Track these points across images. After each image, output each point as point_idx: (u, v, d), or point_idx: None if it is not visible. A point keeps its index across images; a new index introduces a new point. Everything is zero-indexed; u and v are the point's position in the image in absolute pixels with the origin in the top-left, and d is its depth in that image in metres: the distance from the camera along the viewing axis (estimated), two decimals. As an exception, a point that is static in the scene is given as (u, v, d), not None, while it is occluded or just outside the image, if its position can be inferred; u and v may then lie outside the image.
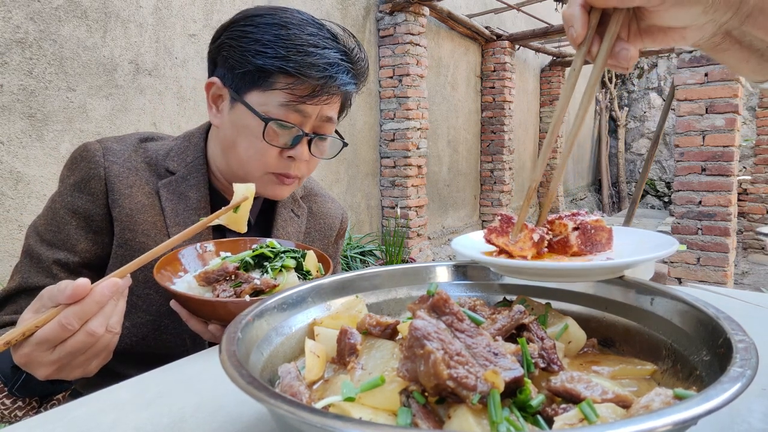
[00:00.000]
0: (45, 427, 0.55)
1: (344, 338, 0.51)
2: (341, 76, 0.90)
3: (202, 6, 3.32)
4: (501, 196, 6.81)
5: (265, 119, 0.89)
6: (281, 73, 0.87)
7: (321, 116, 0.93)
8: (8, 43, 2.38)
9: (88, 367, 0.67)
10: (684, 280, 4.23)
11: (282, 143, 0.92)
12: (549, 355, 0.48)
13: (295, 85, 0.88)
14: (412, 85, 4.93)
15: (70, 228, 0.91)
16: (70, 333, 0.61)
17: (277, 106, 0.89)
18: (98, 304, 0.62)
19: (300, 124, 0.91)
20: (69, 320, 0.60)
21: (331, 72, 0.88)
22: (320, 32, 0.90)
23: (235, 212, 0.78)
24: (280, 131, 0.91)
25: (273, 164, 0.94)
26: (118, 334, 0.66)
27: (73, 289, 0.60)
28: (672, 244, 0.61)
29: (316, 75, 0.87)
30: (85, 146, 0.94)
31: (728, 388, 0.34)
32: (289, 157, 0.93)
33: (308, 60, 0.87)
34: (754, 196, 6.67)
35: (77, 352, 0.63)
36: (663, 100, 10.18)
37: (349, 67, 0.92)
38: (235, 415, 0.55)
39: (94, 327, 0.62)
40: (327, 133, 0.97)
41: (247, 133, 0.91)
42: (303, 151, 0.93)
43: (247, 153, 0.93)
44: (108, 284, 0.63)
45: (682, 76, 4.06)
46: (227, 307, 0.75)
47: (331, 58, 0.88)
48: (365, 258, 4.46)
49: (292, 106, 0.89)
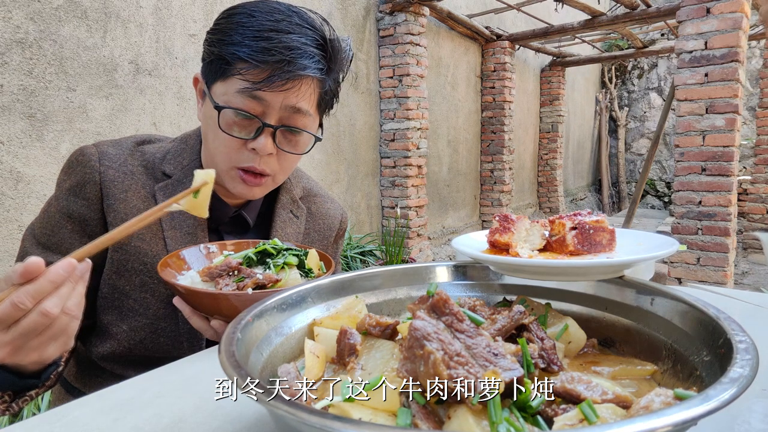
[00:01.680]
0: (45, 426, 0.55)
1: (344, 338, 0.51)
2: (301, 60, 0.84)
3: (202, 6, 3.32)
4: (501, 196, 6.81)
5: (217, 107, 0.86)
6: (238, 60, 0.84)
7: (286, 106, 0.87)
8: (8, 43, 2.38)
9: (44, 352, 0.64)
10: (684, 280, 4.23)
11: (244, 134, 0.88)
12: (549, 356, 0.48)
13: (249, 69, 0.84)
14: (412, 85, 4.93)
15: (64, 232, 0.91)
16: (23, 312, 0.59)
17: (234, 94, 0.85)
18: (52, 284, 0.60)
19: (261, 115, 0.87)
20: (21, 299, 0.58)
21: (289, 56, 0.83)
22: (287, 18, 0.86)
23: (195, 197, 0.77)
24: (239, 120, 0.87)
25: (236, 157, 0.90)
26: (76, 319, 0.64)
27: (25, 267, 0.58)
28: (672, 245, 0.61)
29: (270, 59, 0.83)
30: (82, 150, 0.93)
31: (728, 389, 0.34)
32: (252, 149, 0.89)
33: (264, 45, 0.83)
34: (754, 196, 6.66)
35: (31, 333, 0.61)
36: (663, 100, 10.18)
37: (314, 52, 0.86)
38: (234, 416, 0.55)
39: (48, 307, 0.60)
40: (297, 125, 0.91)
41: (212, 124, 0.89)
42: (265, 143, 0.88)
43: (213, 145, 0.91)
44: (63, 264, 0.61)
45: (682, 76, 4.06)
46: (229, 300, 0.75)
47: (292, 42, 0.84)
48: (365, 258, 4.46)
49: (247, 92, 0.85)
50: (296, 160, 0.97)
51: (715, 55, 3.92)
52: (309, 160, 4.27)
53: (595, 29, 5.90)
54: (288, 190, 1.10)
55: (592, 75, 10.59)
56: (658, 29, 7.34)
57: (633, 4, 5.17)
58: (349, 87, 4.67)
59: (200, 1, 3.30)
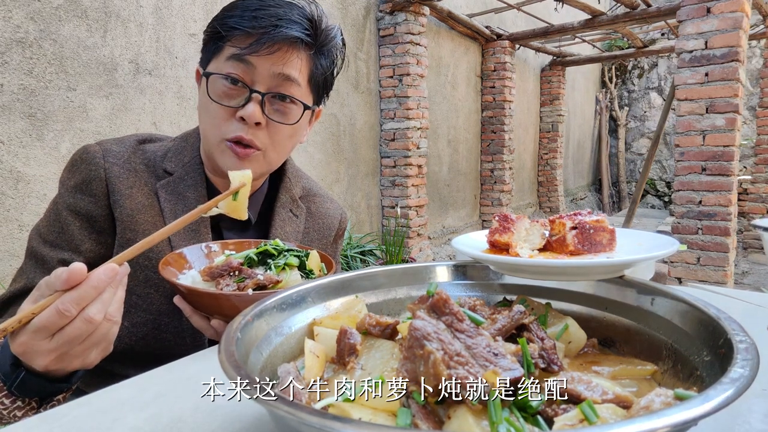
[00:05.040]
0: (44, 426, 0.55)
1: (344, 338, 0.51)
2: (288, 25, 0.87)
3: (203, 5, 3.32)
4: (501, 195, 6.81)
5: (206, 73, 0.90)
6: (229, 30, 0.88)
7: (274, 72, 0.88)
8: (8, 43, 2.38)
9: (87, 358, 0.65)
10: (684, 279, 4.22)
11: (233, 103, 0.90)
12: (549, 356, 0.48)
13: (238, 35, 0.87)
14: (413, 85, 4.93)
15: (73, 228, 0.91)
16: (68, 319, 0.59)
17: (224, 62, 0.89)
18: (95, 290, 0.60)
19: (251, 83, 0.89)
20: (66, 306, 0.58)
21: (277, 22, 0.87)
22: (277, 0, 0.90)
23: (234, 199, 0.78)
24: (228, 88, 0.89)
25: (225, 128, 0.90)
26: (117, 324, 0.64)
27: (69, 274, 0.59)
28: (672, 244, 0.61)
29: (258, 25, 0.86)
30: (85, 149, 0.94)
31: (729, 389, 0.34)
32: (241, 118, 0.89)
33: (253, 14, 0.87)
34: (754, 196, 6.66)
35: (75, 340, 0.61)
36: (663, 99, 10.17)
37: (300, 20, 0.89)
38: (234, 416, 0.55)
39: (92, 313, 0.60)
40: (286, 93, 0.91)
41: (204, 99, 0.91)
42: (254, 110, 0.88)
43: (204, 119, 0.93)
44: (105, 269, 0.61)
45: (683, 75, 4.06)
46: (230, 300, 0.75)
47: (279, 12, 0.88)
48: (365, 258, 4.46)
49: (236, 57, 0.87)
50: (288, 134, 0.96)
51: (715, 54, 3.91)
52: (309, 160, 4.27)
53: (595, 29, 5.90)
54: (287, 189, 1.10)
55: (592, 75, 10.59)
56: (658, 29, 7.33)
57: (633, 4, 5.17)
58: (349, 87, 4.67)
59: (200, 0, 3.30)
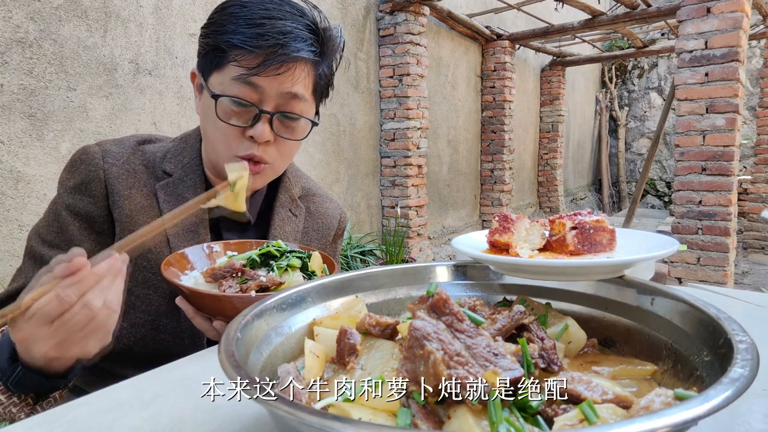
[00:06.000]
0: (44, 426, 0.55)
1: (344, 338, 0.51)
2: (294, 43, 0.85)
3: (203, 5, 3.32)
4: (501, 195, 6.81)
5: (214, 95, 0.87)
6: (233, 47, 0.85)
7: (282, 92, 0.87)
8: (8, 43, 2.38)
9: (86, 346, 0.65)
10: (684, 279, 4.22)
11: (242, 122, 0.89)
12: (549, 356, 0.48)
13: (243, 55, 0.84)
14: (413, 85, 4.93)
15: (73, 229, 0.91)
16: (68, 306, 0.60)
17: (230, 82, 0.86)
18: (95, 276, 0.61)
19: (258, 102, 0.88)
20: (66, 292, 0.59)
21: (282, 40, 0.84)
22: (278, 6, 0.87)
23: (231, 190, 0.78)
24: (236, 108, 0.88)
25: (235, 146, 0.89)
26: (116, 313, 0.65)
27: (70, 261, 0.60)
28: (672, 244, 0.61)
29: (264, 44, 0.83)
30: (84, 149, 0.94)
31: (729, 389, 0.34)
32: (250, 137, 0.89)
33: (257, 31, 0.84)
34: (754, 196, 6.66)
35: (75, 327, 0.62)
36: (663, 99, 10.17)
37: (306, 35, 0.87)
38: (233, 416, 0.55)
39: (91, 300, 0.61)
40: (294, 111, 0.91)
41: (210, 114, 0.89)
42: (263, 130, 0.88)
43: (212, 135, 0.91)
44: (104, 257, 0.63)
45: (683, 75, 4.06)
46: (232, 302, 0.75)
47: (284, 27, 0.85)
48: (365, 258, 4.46)
49: (243, 78, 0.85)
50: (295, 147, 0.97)
51: (715, 54, 3.91)
52: (309, 160, 4.27)
53: (595, 29, 5.90)
54: (287, 189, 1.10)
55: (592, 75, 10.58)
56: (658, 29, 7.33)
57: (633, 4, 5.17)
58: (349, 87, 4.66)
59: (200, 0, 3.30)
